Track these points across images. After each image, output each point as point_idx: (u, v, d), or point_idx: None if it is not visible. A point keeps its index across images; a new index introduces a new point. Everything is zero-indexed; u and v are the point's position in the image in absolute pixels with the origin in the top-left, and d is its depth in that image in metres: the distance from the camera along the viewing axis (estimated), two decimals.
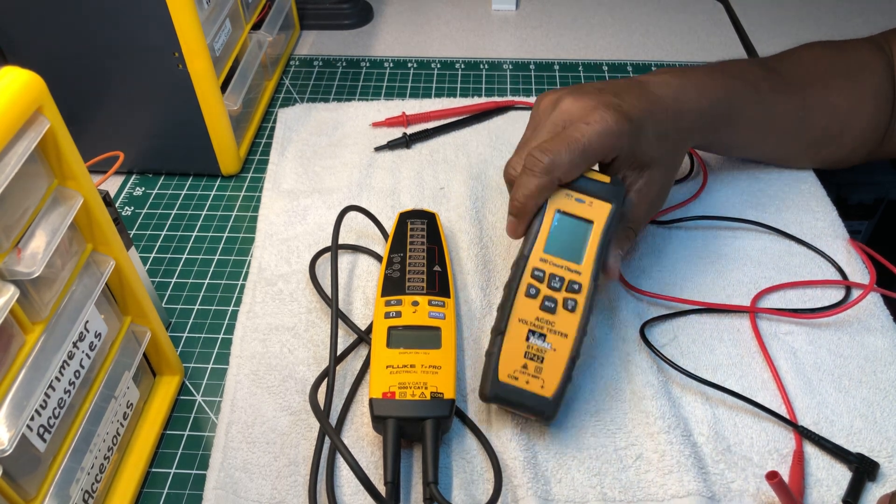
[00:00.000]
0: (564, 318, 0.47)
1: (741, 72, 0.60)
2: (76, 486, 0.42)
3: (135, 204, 0.69)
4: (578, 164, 0.48)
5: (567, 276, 0.48)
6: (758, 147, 0.65)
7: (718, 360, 0.53)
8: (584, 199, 0.49)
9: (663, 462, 0.47)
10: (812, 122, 0.63)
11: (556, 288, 0.48)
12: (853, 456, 0.47)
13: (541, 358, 0.46)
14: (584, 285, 0.48)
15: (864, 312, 0.56)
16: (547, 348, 0.47)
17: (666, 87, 0.54)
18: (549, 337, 0.47)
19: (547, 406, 0.46)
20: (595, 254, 0.49)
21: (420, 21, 0.95)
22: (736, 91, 0.58)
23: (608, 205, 0.49)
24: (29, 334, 0.38)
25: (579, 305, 0.48)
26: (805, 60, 0.64)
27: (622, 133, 0.48)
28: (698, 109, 0.55)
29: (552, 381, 0.46)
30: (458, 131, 0.74)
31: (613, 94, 0.51)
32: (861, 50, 0.65)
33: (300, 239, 0.62)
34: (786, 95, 0.61)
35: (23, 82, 0.35)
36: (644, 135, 0.50)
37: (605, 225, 0.49)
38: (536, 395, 0.46)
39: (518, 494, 0.45)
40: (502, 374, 0.46)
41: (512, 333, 0.47)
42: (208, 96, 0.64)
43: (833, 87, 0.62)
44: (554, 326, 0.47)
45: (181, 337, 0.57)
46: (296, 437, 0.49)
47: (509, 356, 0.47)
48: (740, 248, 0.61)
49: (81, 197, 0.40)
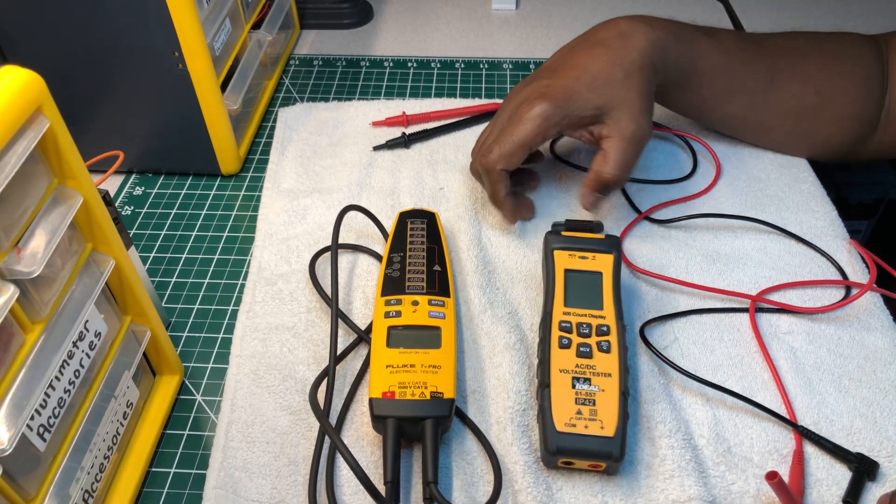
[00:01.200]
0: (602, 359, 0.48)
1: (708, 28, 0.63)
2: (76, 485, 0.42)
3: (135, 203, 0.69)
4: (515, 151, 0.57)
5: (593, 322, 0.50)
6: (725, 106, 0.65)
7: (719, 360, 0.53)
8: (587, 256, 0.53)
9: (664, 466, 0.46)
10: (783, 87, 0.63)
11: (585, 334, 0.49)
12: (853, 456, 0.47)
13: (592, 401, 0.46)
14: (612, 326, 0.49)
15: (864, 312, 0.56)
16: (595, 391, 0.47)
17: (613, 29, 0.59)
18: (594, 380, 0.47)
19: (612, 445, 0.44)
20: (612, 296, 0.51)
21: (420, 21, 0.95)
22: (697, 37, 0.61)
23: (610, 255, 0.53)
24: (29, 334, 0.38)
25: (613, 345, 0.49)
26: (787, 35, 0.65)
27: (548, 114, 0.56)
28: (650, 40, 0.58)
29: (610, 420, 0.45)
30: (457, 132, 0.74)
31: (549, 74, 0.58)
32: (852, 37, 0.65)
33: (300, 238, 0.62)
34: (755, 56, 0.62)
35: (23, 82, 0.35)
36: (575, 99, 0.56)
37: (612, 272, 0.52)
38: (599, 437, 0.45)
39: (519, 499, 0.45)
40: (559, 426, 0.45)
41: (557, 385, 0.47)
42: (208, 96, 0.64)
43: (810, 58, 0.63)
44: (595, 369, 0.47)
45: (181, 336, 0.57)
46: (296, 437, 0.49)
47: (561, 407, 0.46)
48: (740, 247, 0.61)
49: (81, 196, 0.40)
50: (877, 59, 0.63)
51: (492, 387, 0.51)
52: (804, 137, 0.66)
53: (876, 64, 0.63)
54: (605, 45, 0.58)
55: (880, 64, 0.63)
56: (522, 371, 0.52)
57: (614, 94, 0.56)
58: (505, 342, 0.54)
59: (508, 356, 0.52)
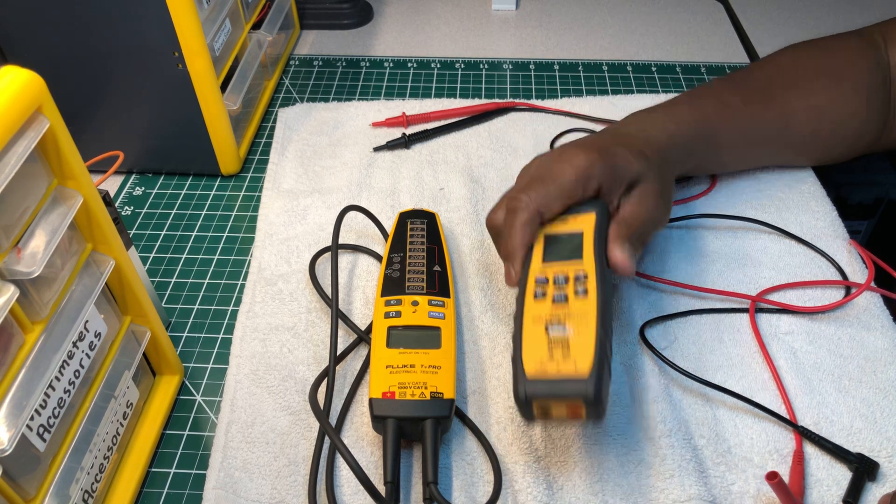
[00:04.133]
0: (579, 303, 0.44)
1: (710, 93, 0.61)
2: (76, 485, 0.42)
3: (135, 204, 0.69)
4: (556, 195, 0.50)
5: (571, 272, 0.46)
6: (746, 160, 0.65)
7: (719, 360, 0.53)
8: (567, 218, 0.50)
9: (664, 466, 0.46)
10: (797, 127, 0.63)
11: (562, 284, 0.46)
12: (853, 456, 0.47)
13: (566, 343, 0.43)
14: (591, 273, 0.46)
15: (864, 312, 0.56)
16: (570, 333, 0.43)
17: (633, 124, 0.57)
18: (568, 323, 0.43)
19: (587, 385, 0.40)
20: (594, 250, 0.48)
21: (420, 21, 0.95)
22: (706, 113, 0.59)
23: (591, 214, 0.50)
24: (29, 334, 0.38)
25: (591, 289, 0.45)
26: (784, 65, 0.63)
27: (593, 163, 0.50)
28: (668, 134, 0.56)
29: (584, 360, 0.41)
30: (457, 132, 0.74)
31: (579, 141, 0.54)
32: (848, 47, 0.64)
33: (300, 239, 0.62)
34: (762, 106, 0.61)
35: (23, 82, 0.35)
36: (619, 158, 0.51)
37: (595, 229, 0.49)
38: (572, 378, 0.41)
39: (519, 499, 0.45)
40: (529, 371, 0.42)
41: (529, 332, 0.44)
42: (208, 96, 0.64)
43: (816, 90, 0.62)
44: (571, 311, 0.44)
45: (181, 337, 0.57)
46: (296, 437, 0.49)
47: (532, 351, 0.43)
48: (740, 247, 0.61)
49: (81, 197, 0.40)
50: (876, 66, 0.63)
51: (492, 387, 0.51)
52: (817, 159, 0.67)
53: (876, 72, 0.63)
54: (630, 134, 0.56)
55: (880, 67, 0.63)
56: None
57: (647, 168, 0.52)
58: (505, 342, 0.54)
59: (509, 356, 0.52)
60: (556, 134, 0.73)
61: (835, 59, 0.64)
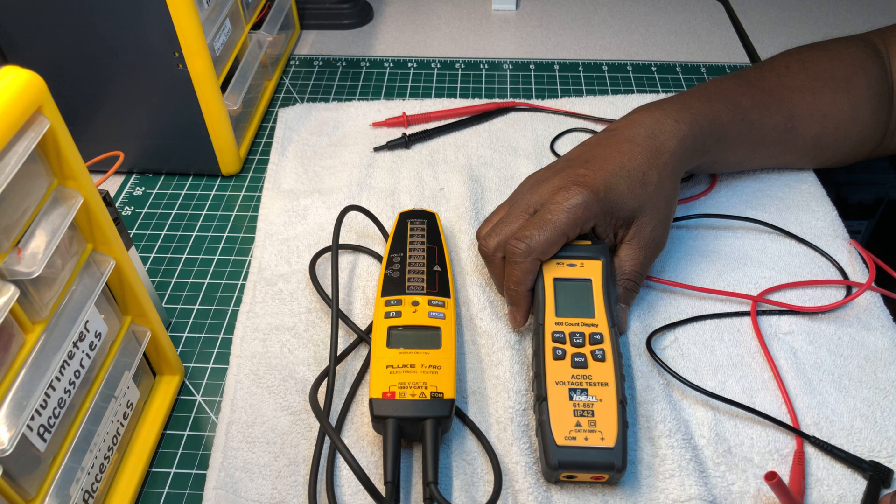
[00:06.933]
0: (598, 368, 0.48)
1: (720, 91, 0.60)
2: (76, 485, 0.42)
3: (135, 204, 0.69)
4: (554, 240, 0.52)
5: (586, 331, 0.49)
6: (749, 162, 0.65)
7: (719, 360, 0.53)
8: (575, 263, 0.53)
9: (664, 466, 0.46)
10: (802, 132, 0.63)
11: (579, 344, 0.49)
12: (867, 464, 0.46)
13: (591, 412, 0.46)
14: (605, 334, 0.49)
15: (865, 312, 0.56)
16: (593, 401, 0.46)
17: (643, 126, 0.56)
18: (591, 390, 0.47)
19: (614, 456, 0.44)
20: (604, 303, 0.51)
21: (420, 21, 0.95)
22: (717, 113, 0.58)
23: (598, 261, 0.53)
24: (29, 334, 0.38)
25: (608, 353, 0.48)
26: (792, 69, 0.63)
27: (589, 204, 0.51)
28: (678, 139, 0.56)
29: (610, 431, 0.45)
30: (457, 132, 0.74)
31: (582, 164, 0.54)
32: (853, 52, 0.64)
33: (300, 239, 0.62)
34: (770, 109, 0.61)
35: (23, 82, 0.35)
36: (615, 194, 0.52)
37: (602, 278, 0.52)
38: (600, 448, 0.44)
39: (519, 499, 0.45)
40: (559, 439, 0.45)
41: (554, 397, 0.46)
42: (208, 96, 0.64)
43: (822, 96, 0.62)
44: (592, 379, 0.47)
45: (181, 337, 0.57)
46: (296, 437, 0.49)
47: (559, 419, 0.45)
48: (741, 247, 0.61)
49: (81, 197, 0.40)
50: (881, 72, 0.63)
51: (492, 387, 0.51)
52: (820, 163, 0.67)
53: (880, 78, 0.63)
54: (637, 143, 0.55)
55: (885, 73, 0.63)
56: (522, 371, 0.52)
57: (647, 197, 0.53)
58: (505, 341, 0.54)
59: (508, 355, 0.52)
60: (556, 134, 0.73)
61: (843, 64, 0.63)
